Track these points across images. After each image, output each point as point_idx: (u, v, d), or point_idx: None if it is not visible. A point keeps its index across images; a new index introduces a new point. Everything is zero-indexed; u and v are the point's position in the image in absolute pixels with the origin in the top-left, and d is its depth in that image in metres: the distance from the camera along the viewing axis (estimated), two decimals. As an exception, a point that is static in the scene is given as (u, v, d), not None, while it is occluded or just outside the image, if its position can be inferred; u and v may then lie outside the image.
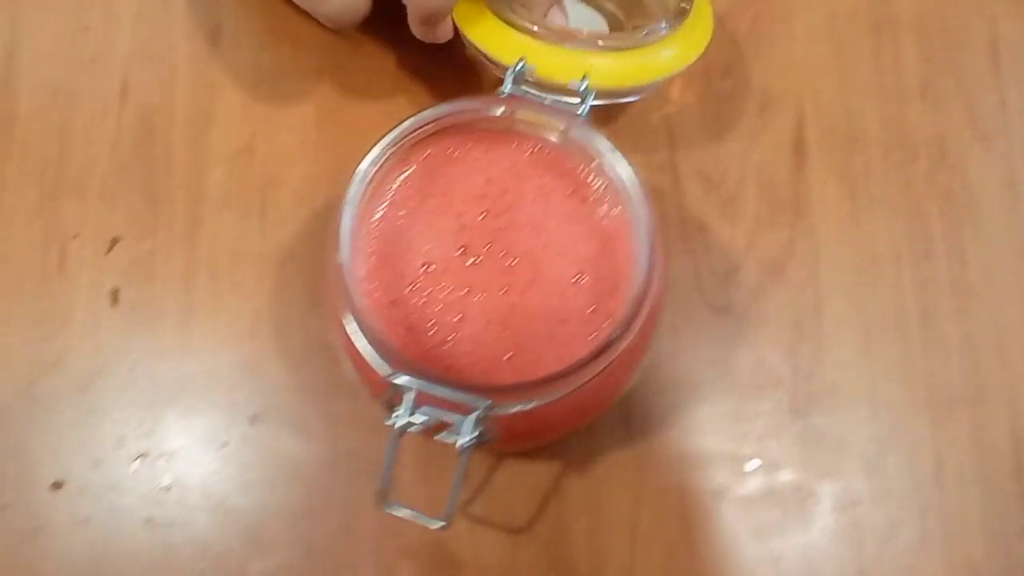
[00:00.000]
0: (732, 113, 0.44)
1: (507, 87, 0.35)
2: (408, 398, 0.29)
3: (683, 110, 0.44)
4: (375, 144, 0.33)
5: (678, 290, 0.42)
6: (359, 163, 0.33)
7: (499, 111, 0.34)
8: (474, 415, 0.29)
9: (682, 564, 0.39)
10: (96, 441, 0.40)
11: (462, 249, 0.34)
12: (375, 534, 0.39)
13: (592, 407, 0.35)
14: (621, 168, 0.33)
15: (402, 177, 0.35)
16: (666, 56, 0.38)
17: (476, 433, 0.29)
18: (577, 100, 0.35)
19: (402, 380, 0.29)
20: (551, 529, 0.39)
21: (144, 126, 0.44)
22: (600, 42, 0.37)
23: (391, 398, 0.30)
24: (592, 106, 0.35)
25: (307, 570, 0.39)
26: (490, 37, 0.38)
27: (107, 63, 0.45)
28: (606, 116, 0.44)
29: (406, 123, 0.33)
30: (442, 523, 0.31)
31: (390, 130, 0.33)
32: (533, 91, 0.35)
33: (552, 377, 0.30)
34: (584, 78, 0.35)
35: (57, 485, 0.40)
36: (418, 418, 0.29)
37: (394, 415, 0.30)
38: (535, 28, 0.37)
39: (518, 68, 0.35)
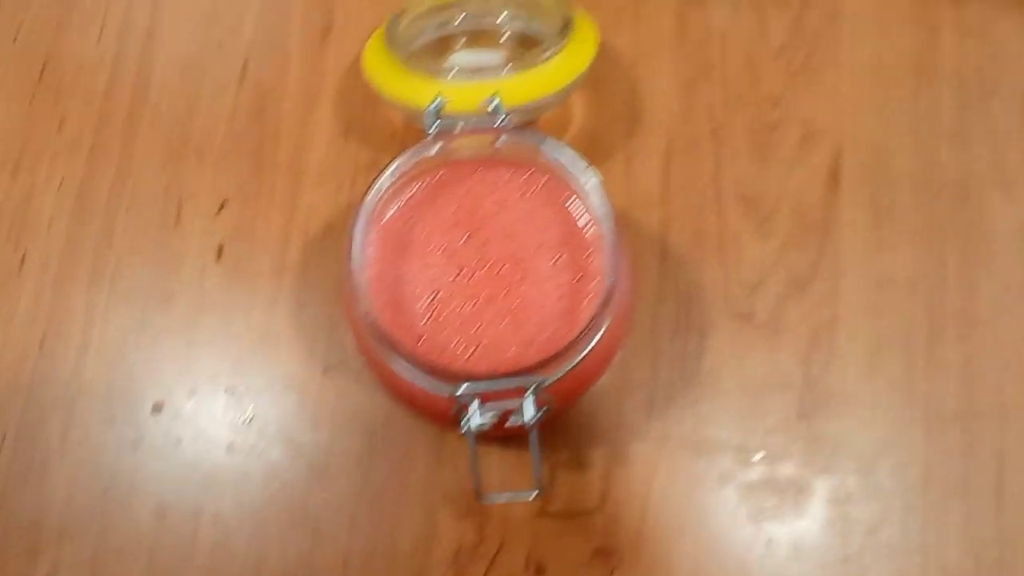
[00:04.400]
0: (776, 140, 0.49)
1: (431, 126, 0.40)
2: (474, 404, 0.35)
3: (732, 133, 0.49)
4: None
5: (706, 297, 0.47)
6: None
7: (435, 149, 0.40)
8: (530, 392, 0.35)
9: (688, 535, 0.44)
10: (193, 372, 0.47)
11: (458, 271, 0.40)
12: (423, 480, 0.45)
13: (608, 354, 0.42)
14: (560, 153, 0.39)
15: (371, 238, 0.40)
16: (560, 69, 0.45)
17: (539, 407, 0.35)
18: (497, 118, 0.40)
19: (464, 390, 0.35)
20: (570, 490, 0.45)
21: (258, 103, 0.51)
22: (503, 71, 0.44)
23: (458, 410, 0.36)
24: (511, 122, 0.40)
25: (362, 503, 0.45)
26: (407, 89, 0.45)
27: (232, 47, 0.52)
28: (655, 133, 0.49)
29: (368, 198, 0.39)
30: (537, 492, 0.37)
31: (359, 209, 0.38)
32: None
33: (580, 335, 0.36)
34: (494, 96, 0.40)
35: (157, 407, 0.47)
36: (487, 416, 0.35)
37: (466, 421, 0.36)
38: (447, 71, 0.44)
39: (435, 105, 0.40)
